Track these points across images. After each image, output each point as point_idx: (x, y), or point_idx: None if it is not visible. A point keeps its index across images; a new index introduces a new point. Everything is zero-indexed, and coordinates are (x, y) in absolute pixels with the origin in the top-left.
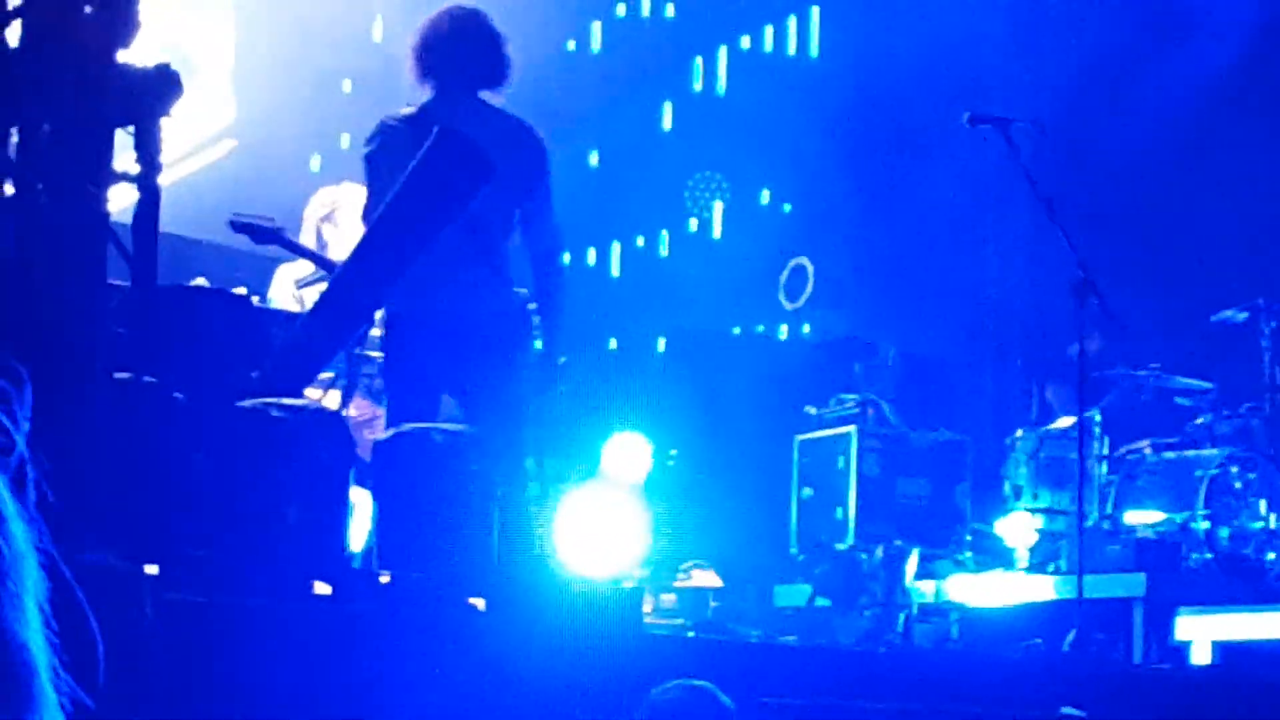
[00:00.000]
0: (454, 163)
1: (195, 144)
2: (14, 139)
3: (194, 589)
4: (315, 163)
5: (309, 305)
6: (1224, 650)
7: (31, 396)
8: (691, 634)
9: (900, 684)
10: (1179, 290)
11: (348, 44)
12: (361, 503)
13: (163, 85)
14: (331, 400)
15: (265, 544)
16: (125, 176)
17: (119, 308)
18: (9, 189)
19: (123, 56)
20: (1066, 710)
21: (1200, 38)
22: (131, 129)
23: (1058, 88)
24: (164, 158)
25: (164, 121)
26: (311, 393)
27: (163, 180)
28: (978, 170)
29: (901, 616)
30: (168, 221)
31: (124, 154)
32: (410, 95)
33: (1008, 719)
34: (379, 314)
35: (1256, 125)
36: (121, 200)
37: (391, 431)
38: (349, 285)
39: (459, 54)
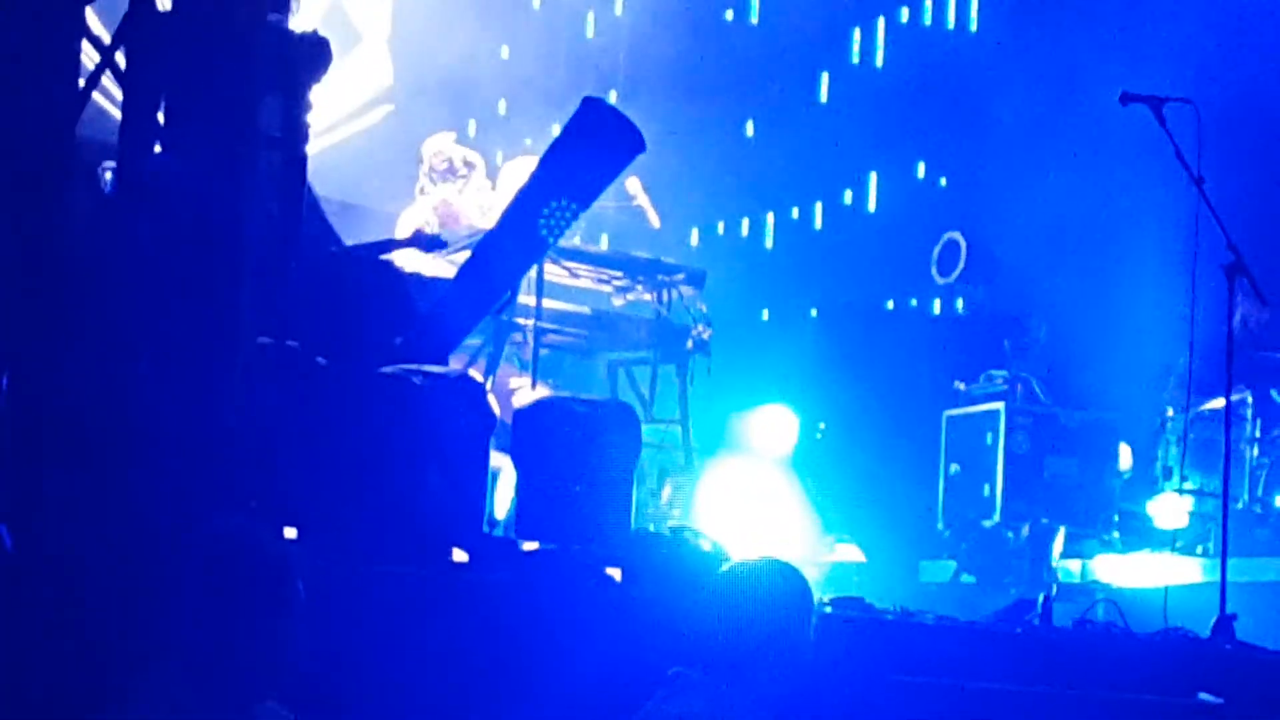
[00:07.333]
0: (605, 130)
1: (352, 109)
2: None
3: (333, 554)
4: (471, 128)
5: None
6: None
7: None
8: (829, 609)
9: (1034, 664)
10: None
11: (505, 10)
12: (507, 470)
13: (313, 52)
14: (477, 370)
15: (405, 511)
16: (271, 141)
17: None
18: (157, 149)
19: (289, 22)
20: (1204, 696)
21: None
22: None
23: (1213, 65)
24: (318, 123)
25: (315, 89)
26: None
27: (319, 144)
28: (1132, 148)
29: (1040, 596)
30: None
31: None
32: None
33: (1143, 702)
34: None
35: None
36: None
37: (533, 399)
38: (493, 253)
39: None
